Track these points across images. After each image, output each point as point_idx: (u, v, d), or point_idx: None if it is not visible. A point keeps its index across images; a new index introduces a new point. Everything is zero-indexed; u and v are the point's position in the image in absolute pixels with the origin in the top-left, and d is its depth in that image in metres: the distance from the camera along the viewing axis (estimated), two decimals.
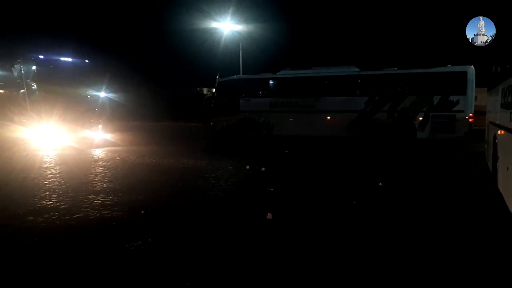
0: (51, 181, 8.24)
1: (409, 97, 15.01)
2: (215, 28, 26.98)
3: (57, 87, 14.04)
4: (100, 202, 6.42)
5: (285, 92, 16.93)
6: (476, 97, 14.35)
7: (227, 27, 26.80)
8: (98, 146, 14.40)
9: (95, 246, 4.49)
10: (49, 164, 10.51)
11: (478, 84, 14.17)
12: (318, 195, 7.00)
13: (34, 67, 14.04)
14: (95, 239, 4.73)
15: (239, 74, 23.21)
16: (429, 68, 15.04)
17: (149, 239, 4.68)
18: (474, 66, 14.33)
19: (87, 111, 14.93)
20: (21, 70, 14.06)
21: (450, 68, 14.78)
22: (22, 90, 13.95)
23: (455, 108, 14.20)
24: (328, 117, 16.11)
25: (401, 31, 32.88)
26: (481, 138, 10.09)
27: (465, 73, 14.16)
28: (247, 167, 9.89)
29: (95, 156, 12.24)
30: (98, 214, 5.73)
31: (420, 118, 14.73)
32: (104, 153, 12.86)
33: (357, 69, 16.32)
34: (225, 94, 17.87)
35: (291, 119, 16.67)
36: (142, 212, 5.82)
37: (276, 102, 16.96)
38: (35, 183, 8.03)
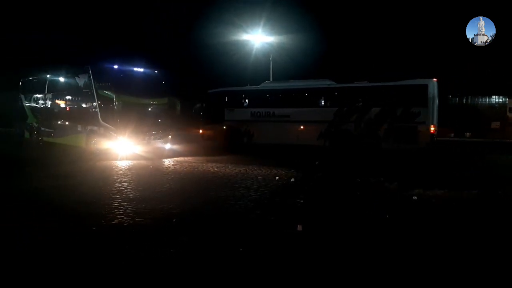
0: (98, 190, 8.58)
1: (374, 108, 15.62)
2: (246, 41, 27.33)
3: (131, 98, 13.85)
4: (133, 209, 6.60)
5: (264, 103, 18.14)
6: None
7: (258, 39, 27.07)
8: (167, 157, 14.14)
9: (127, 253, 4.63)
10: (118, 175, 10.76)
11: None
12: (349, 207, 6.90)
13: (108, 77, 13.87)
14: (128, 246, 4.87)
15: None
16: (392, 81, 15.65)
17: (181, 247, 4.77)
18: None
19: (158, 122, 14.81)
20: (90, 79, 13.90)
21: (411, 81, 15.30)
22: (92, 101, 13.88)
23: (417, 120, 14.63)
24: (302, 127, 17.05)
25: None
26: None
27: (426, 86, 14.67)
28: (277, 177, 9.90)
29: (164, 167, 12.01)
30: (131, 221, 5.91)
31: (384, 129, 15.31)
32: (173, 164, 12.56)
33: (331, 82, 17.03)
34: (212, 104, 19.31)
35: (269, 128, 17.65)
36: (174, 220, 5.94)
37: (256, 112, 18.18)
38: (89, 191, 8.39)
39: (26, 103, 18.41)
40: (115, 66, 14.37)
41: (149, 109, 14.71)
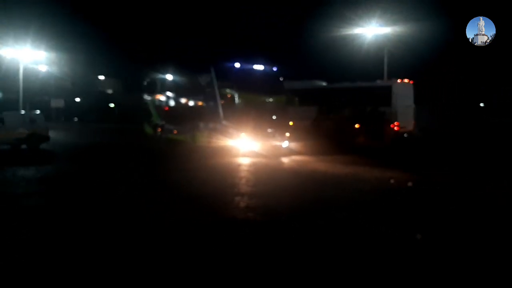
0: (229, 183, 9.19)
1: (347, 107, 17.18)
2: (358, 34, 25.98)
3: (251, 96, 14.15)
4: (245, 204, 6.84)
5: None
6: None
7: (371, 31, 25.53)
8: (285, 155, 13.81)
9: (241, 245, 4.79)
10: (235, 171, 11.07)
11: None
12: (479, 218, 6.07)
13: (230, 75, 14.36)
14: (241, 238, 5.06)
15: (382, 80, 21.97)
16: (361, 82, 17.44)
17: (290, 243, 4.79)
18: None
19: (277, 120, 14.71)
20: (212, 79, 14.48)
21: (377, 82, 17.29)
22: (214, 99, 14.38)
23: (383, 118, 15.93)
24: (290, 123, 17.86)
25: None
26: None
27: (390, 87, 16.28)
28: (391, 180, 9.26)
29: (275, 165, 12.17)
30: (243, 216, 6.12)
31: (356, 126, 16.63)
32: (284, 162, 12.77)
33: (321, 83, 19.02)
34: None
35: None
36: (283, 218, 5.96)
37: None
38: (209, 183, 9.08)
39: (150, 102, 20.18)
40: (236, 65, 14.66)
41: (268, 106, 14.76)
